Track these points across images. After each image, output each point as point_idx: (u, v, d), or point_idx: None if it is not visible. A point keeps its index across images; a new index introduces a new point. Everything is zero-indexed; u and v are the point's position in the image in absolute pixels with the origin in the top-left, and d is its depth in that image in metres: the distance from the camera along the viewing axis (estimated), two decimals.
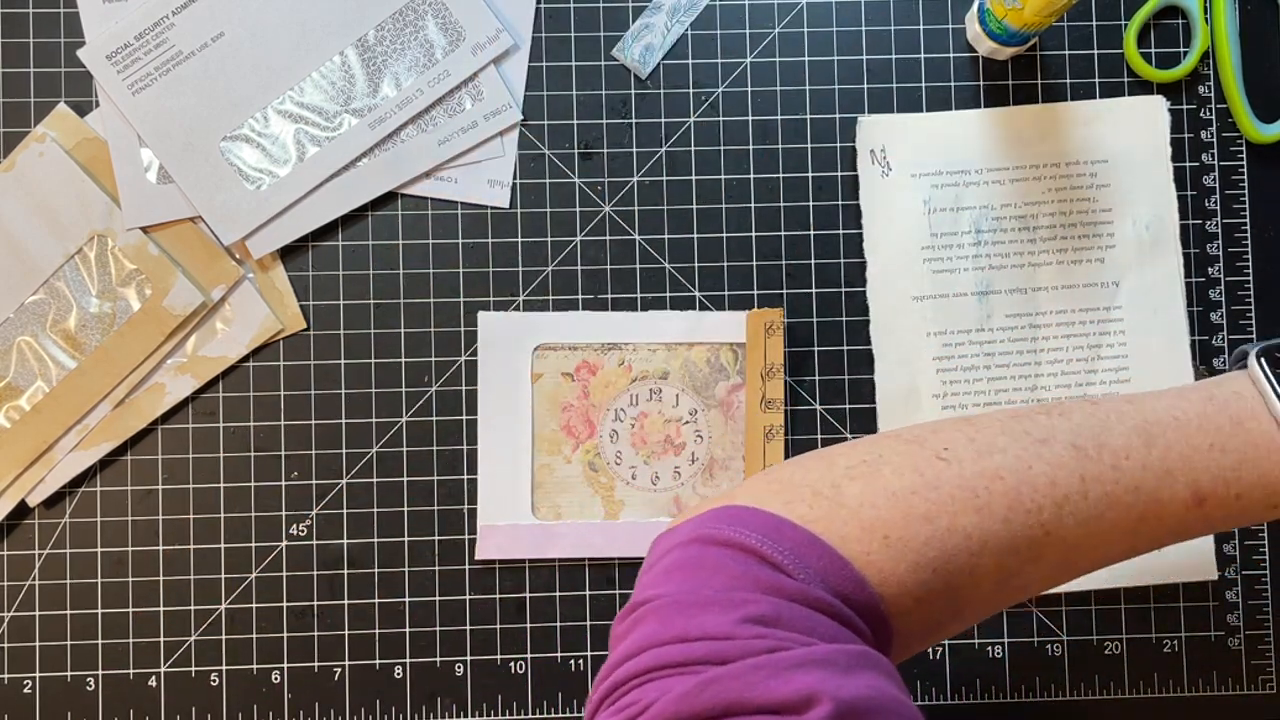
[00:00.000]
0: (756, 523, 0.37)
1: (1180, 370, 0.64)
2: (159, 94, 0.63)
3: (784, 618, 0.34)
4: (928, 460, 0.39)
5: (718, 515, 0.39)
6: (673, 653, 0.34)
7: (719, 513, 0.39)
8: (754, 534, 0.37)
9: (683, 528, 0.39)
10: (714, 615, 0.34)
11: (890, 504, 0.38)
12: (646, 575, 0.39)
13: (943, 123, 0.65)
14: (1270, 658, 0.64)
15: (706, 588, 0.36)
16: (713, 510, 0.39)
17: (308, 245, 0.65)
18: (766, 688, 0.31)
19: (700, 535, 0.38)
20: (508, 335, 0.64)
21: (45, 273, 0.63)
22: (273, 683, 0.63)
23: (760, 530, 0.37)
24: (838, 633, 0.35)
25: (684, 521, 0.40)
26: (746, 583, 0.35)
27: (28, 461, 0.63)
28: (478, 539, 0.63)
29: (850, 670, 0.32)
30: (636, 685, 0.34)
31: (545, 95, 0.65)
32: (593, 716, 0.35)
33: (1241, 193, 0.66)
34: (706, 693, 0.32)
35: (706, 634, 0.34)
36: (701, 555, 0.37)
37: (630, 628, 0.36)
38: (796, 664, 0.32)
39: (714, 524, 0.38)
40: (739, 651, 0.33)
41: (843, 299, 0.65)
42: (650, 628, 0.35)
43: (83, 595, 0.63)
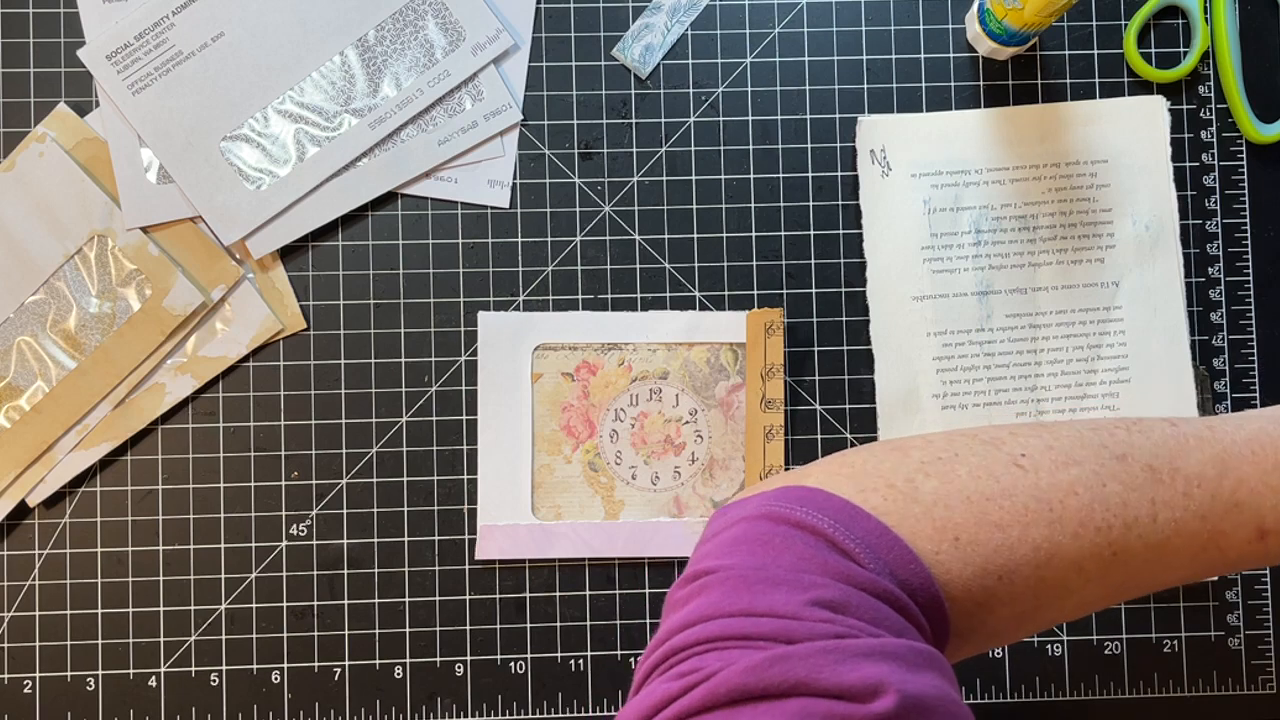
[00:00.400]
0: (830, 507, 0.37)
1: (1180, 370, 0.64)
2: (159, 94, 0.63)
3: (852, 605, 0.34)
4: (1004, 465, 0.39)
5: (789, 494, 0.38)
6: (738, 625, 0.33)
7: (790, 492, 0.38)
8: (827, 518, 0.37)
9: (750, 502, 0.39)
10: (782, 594, 0.34)
11: (964, 506, 0.38)
12: (708, 544, 0.38)
13: (943, 123, 0.65)
14: (1270, 658, 0.64)
15: (775, 565, 0.35)
16: (784, 489, 0.39)
17: (308, 245, 0.65)
18: (835, 672, 0.31)
19: (770, 512, 0.37)
20: (508, 335, 0.64)
21: (45, 273, 0.63)
22: (273, 683, 0.63)
23: (833, 515, 0.37)
24: (903, 628, 0.35)
25: (751, 495, 0.39)
26: (816, 566, 0.35)
27: (28, 461, 0.63)
28: (478, 539, 0.63)
29: (916, 667, 0.32)
30: (698, 653, 0.34)
31: (545, 95, 0.65)
32: (644, 681, 0.35)
33: (1241, 193, 0.66)
34: (774, 669, 0.31)
35: (774, 611, 0.33)
36: (771, 532, 0.37)
37: (692, 595, 0.36)
38: (865, 653, 0.32)
39: (785, 502, 0.38)
40: (806, 633, 0.33)
41: (843, 299, 0.65)
42: (714, 597, 0.35)
43: (83, 595, 0.63)
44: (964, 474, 0.38)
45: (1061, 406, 0.64)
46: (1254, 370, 0.65)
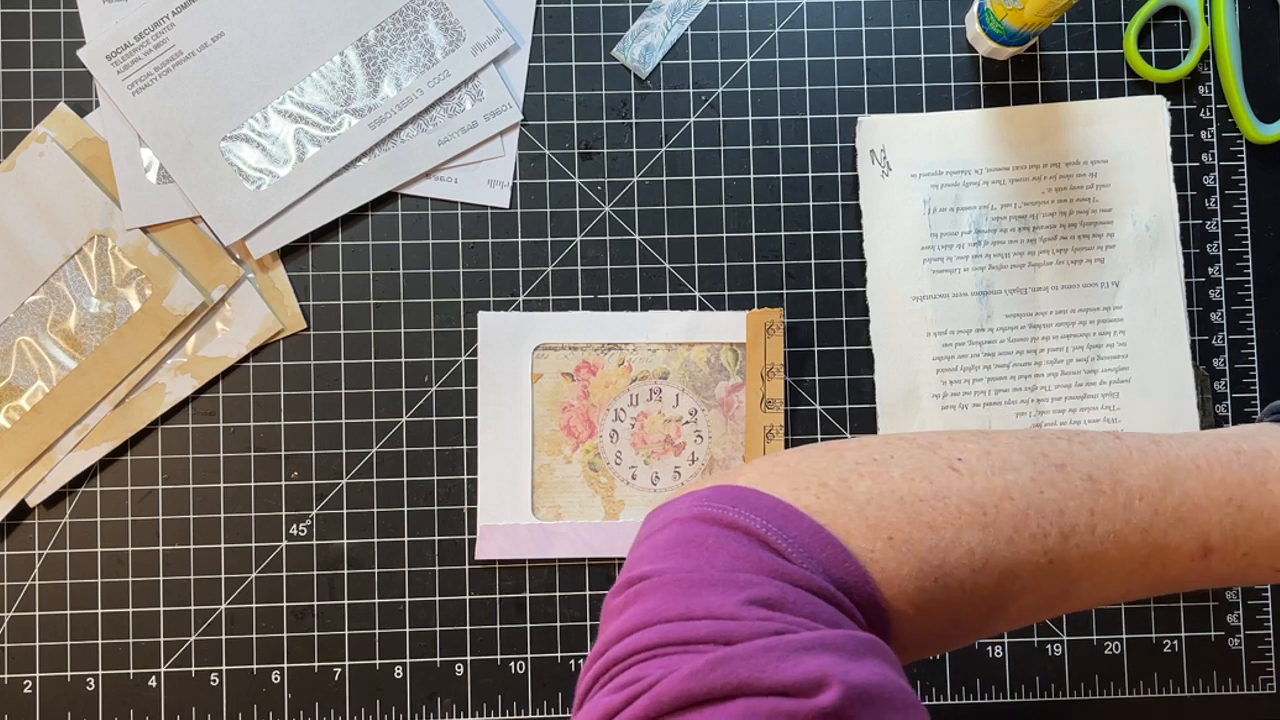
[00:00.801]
0: (762, 506, 0.37)
1: (1180, 370, 0.64)
2: (159, 94, 0.63)
3: (789, 602, 0.34)
4: (939, 468, 0.38)
5: (720, 494, 0.38)
6: (677, 630, 0.33)
7: (721, 491, 0.38)
8: (758, 518, 0.36)
9: (681, 502, 0.39)
10: (719, 594, 0.34)
11: (898, 507, 0.37)
12: (640, 548, 0.38)
13: (943, 123, 0.65)
14: (1270, 658, 0.64)
15: (709, 566, 0.35)
16: (714, 488, 0.38)
17: (308, 245, 0.65)
18: (777, 669, 0.31)
19: (702, 513, 0.37)
20: (508, 335, 0.64)
21: (45, 273, 0.63)
22: (273, 683, 0.63)
23: (765, 515, 0.37)
24: (840, 620, 0.35)
25: (682, 496, 0.39)
26: (750, 565, 0.35)
27: (28, 461, 0.63)
28: (478, 539, 0.63)
29: (859, 656, 0.32)
30: (638, 661, 0.33)
31: (545, 95, 0.65)
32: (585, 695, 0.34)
33: (1241, 193, 0.66)
34: (716, 671, 0.31)
35: (712, 613, 0.33)
36: (703, 534, 0.36)
37: (627, 603, 0.36)
38: (806, 647, 0.32)
39: (717, 502, 0.37)
40: (746, 632, 0.32)
41: (843, 299, 0.65)
42: (650, 604, 0.35)
43: (83, 595, 0.63)
44: (897, 475, 0.38)
45: (1061, 406, 0.64)
46: (1254, 370, 0.65)
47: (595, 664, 0.35)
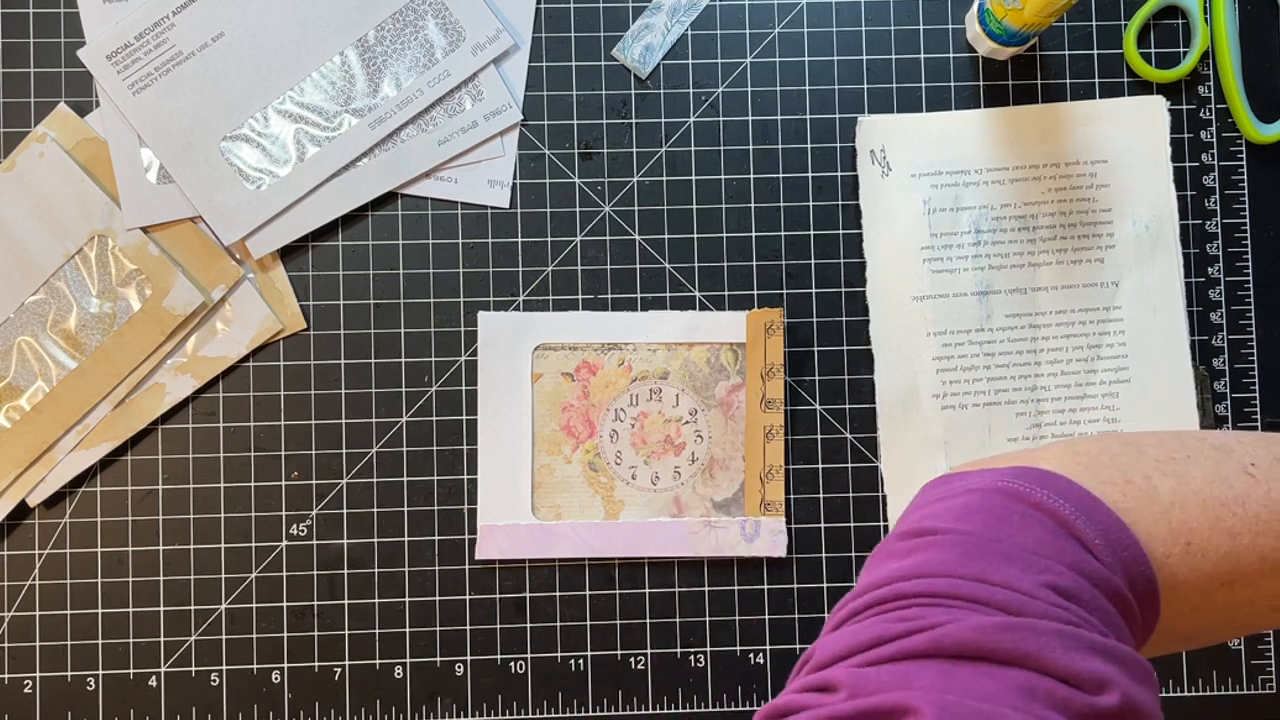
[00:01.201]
0: (1071, 494, 0.37)
1: (1180, 370, 0.64)
2: (159, 94, 0.63)
3: (1083, 598, 0.34)
4: (1237, 472, 0.38)
5: (1026, 474, 0.38)
6: (970, 588, 0.33)
7: (1026, 471, 0.38)
8: (1068, 505, 0.36)
9: (978, 475, 0.38)
10: (1017, 569, 0.34)
11: (1200, 510, 0.37)
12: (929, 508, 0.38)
13: (943, 123, 0.65)
14: (1270, 658, 0.64)
15: (1010, 541, 0.35)
16: (1019, 467, 0.38)
17: (308, 245, 0.65)
18: (1066, 656, 0.31)
19: (1007, 488, 0.37)
20: (508, 335, 0.64)
21: (45, 273, 0.63)
22: (273, 683, 0.63)
23: (1074, 503, 0.36)
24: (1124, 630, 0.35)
25: (976, 470, 0.39)
26: (1053, 551, 0.35)
27: (28, 461, 0.63)
28: (478, 539, 0.63)
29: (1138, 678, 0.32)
30: (922, 604, 0.33)
31: (545, 95, 0.65)
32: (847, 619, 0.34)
33: (1241, 193, 0.66)
34: (1006, 635, 0.31)
35: (1009, 584, 0.33)
36: (1006, 508, 0.36)
37: (918, 549, 0.35)
38: (1097, 648, 0.32)
39: (1023, 481, 0.37)
40: (1038, 612, 0.32)
41: (843, 299, 0.65)
42: (945, 555, 0.34)
43: (83, 595, 0.63)
44: (1198, 476, 0.38)
45: (1061, 406, 0.64)
46: (1254, 370, 0.65)
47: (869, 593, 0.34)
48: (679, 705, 0.63)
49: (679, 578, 0.64)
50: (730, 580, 0.64)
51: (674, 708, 0.63)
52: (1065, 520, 0.36)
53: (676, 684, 0.63)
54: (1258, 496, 0.38)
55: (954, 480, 0.39)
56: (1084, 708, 0.30)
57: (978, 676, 0.30)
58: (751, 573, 0.64)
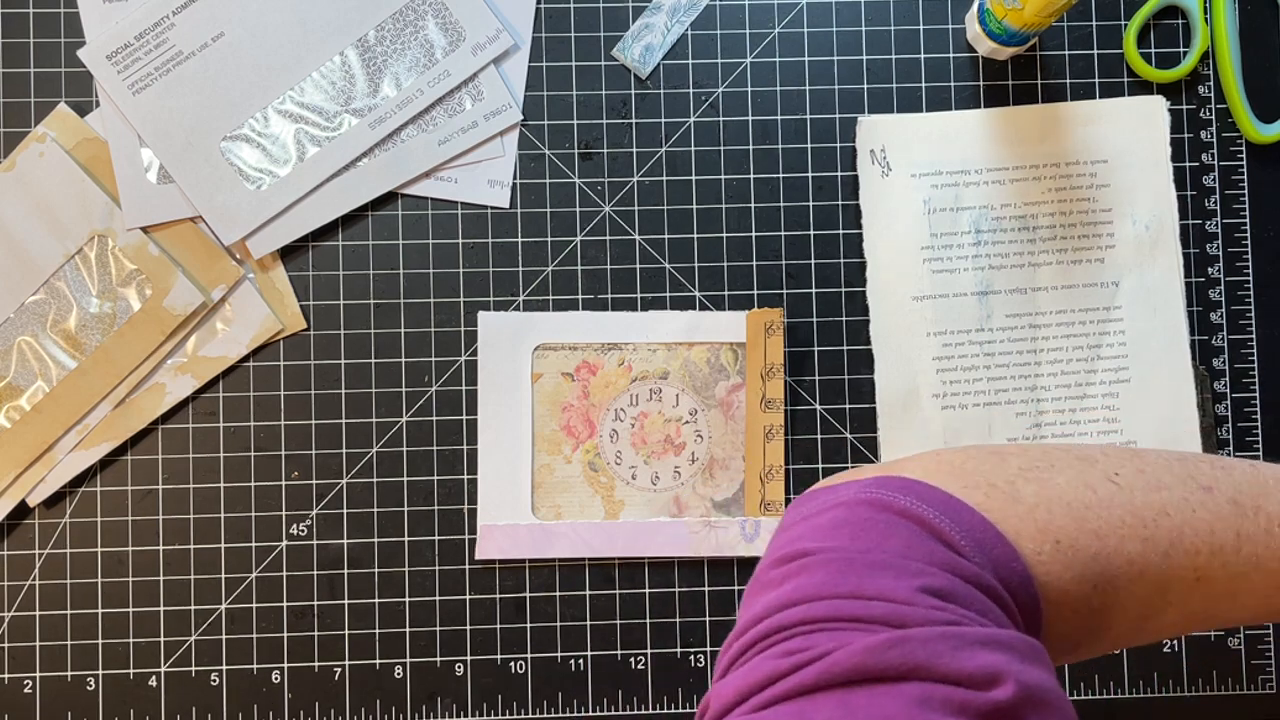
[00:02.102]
0: (934, 499, 0.37)
1: (1180, 370, 0.64)
2: (159, 94, 0.63)
3: (959, 595, 0.34)
4: (1100, 479, 0.39)
5: (888, 483, 0.38)
6: (849, 607, 0.33)
7: (889, 480, 0.38)
8: (931, 509, 0.36)
9: (843, 488, 0.39)
10: (890, 578, 0.34)
11: (1065, 512, 0.38)
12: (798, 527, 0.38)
13: (943, 123, 0.65)
14: (1270, 658, 0.64)
15: (879, 550, 0.35)
16: (881, 477, 0.39)
17: (308, 245, 0.65)
18: (954, 658, 0.31)
19: (871, 499, 0.37)
20: (508, 335, 0.64)
21: (45, 273, 0.63)
22: (273, 683, 0.63)
23: (938, 507, 0.37)
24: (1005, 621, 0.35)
25: (843, 483, 0.39)
26: (922, 554, 0.35)
27: (28, 461, 0.63)
28: (478, 539, 0.63)
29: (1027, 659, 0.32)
30: (805, 632, 0.33)
31: (545, 95, 0.65)
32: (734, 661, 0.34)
33: (1241, 193, 0.66)
34: (893, 651, 0.31)
35: (885, 595, 0.33)
36: (871, 518, 0.36)
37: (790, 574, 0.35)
38: (981, 641, 0.32)
39: (886, 490, 0.37)
40: (919, 618, 0.32)
41: (843, 299, 0.65)
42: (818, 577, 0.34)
43: (83, 595, 0.63)
44: (1062, 482, 0.39)
45: (1061, 407, 0.64)
46: (1254, 370, 0.65)
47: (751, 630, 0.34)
48: (679, 705, 0.63)
49: (679, 578, 0.64)
50: (730, 580, 0.64)
51: (674, 708, 0.63)
52: (929, 523, 0.36)
53: (676, 684, 0.63)
54: (1122, 502, 0.38)
55: (819, 495, 0.39)
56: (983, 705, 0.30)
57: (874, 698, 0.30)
58: (751, 573, 0.64)
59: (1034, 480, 0.39)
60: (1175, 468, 0.40)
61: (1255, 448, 0.65)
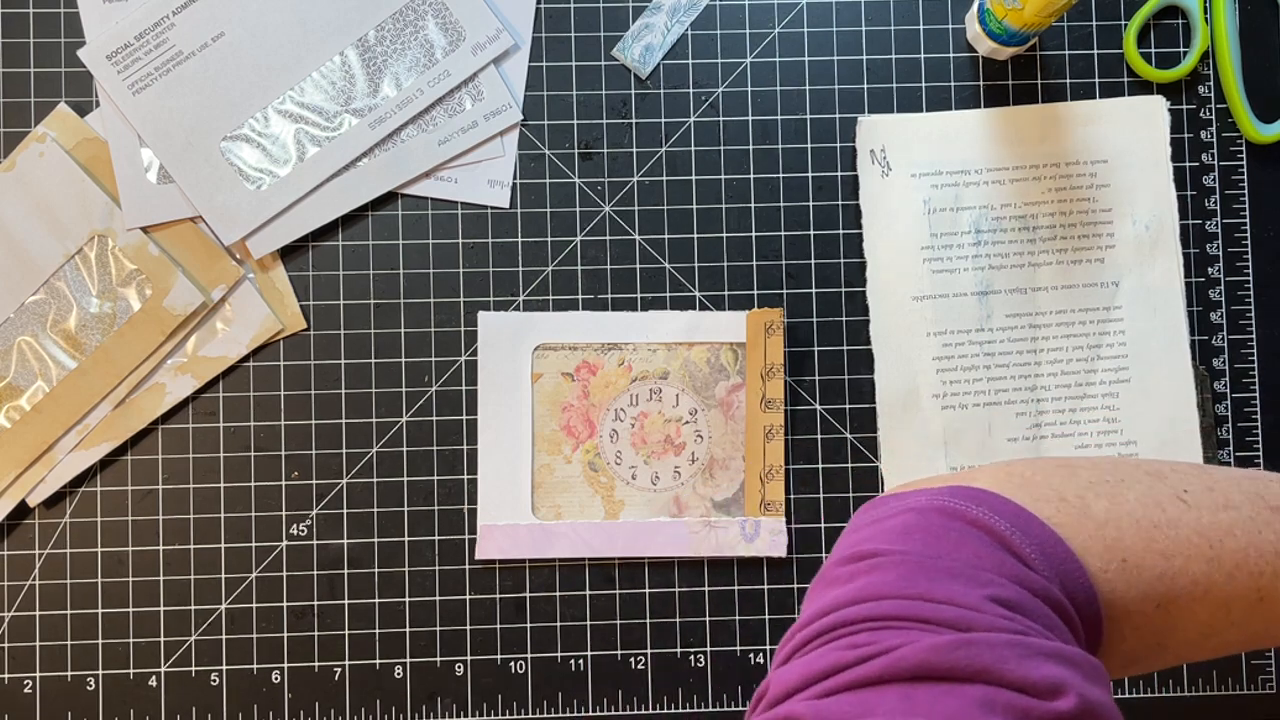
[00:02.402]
0: (1005, 510, 0.37)
1: (1180, 370, 0.64)
2: (159, 94, 0.63)
3: (1026, 607, 0.34)
4: (1169, 497, 0.39)
5: (960, 492, 0.38)
6: (916, 608, 0.33)
7: (960, 490, 0.39)
8: (1002, 520, 0.37)
9: (915, 495, 0.39)
10: (960, 585, 0.34)
11: (1134, 530, 0.38)
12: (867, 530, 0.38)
13: (943, 123, 0.65)
14: (1270, 658, 0.64)
15: (950, 557, 0.35)
16: (953, 487, 0.39)
17: (308, 245, 0.65)
18: (1020, 665, 0.31)
19: (942, 506, 0.38)
20: (508, 335, 0.64)
21: (45, 273, 0.63)
22: (273, 683, 0.63)
23: (1009, 518, 0.37)
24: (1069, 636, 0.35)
25: (913, 490, 0.40)
26: (991, 564, 0.35)
27: (28, 461, 0.63)
28: (478, 539, 0.63)
29: (1090, 677, 0.33)
30: (872, 628, 0.33)
31: (545, 95, 0.65)
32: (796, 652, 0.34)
33: (1241, 193, 0.66)
34: (960, 651, 0.31)
35: (954, 600, 0.33)
36: (944, 526, 0.37)
37: (859, 573, 0.36)
38: (1048, 654, 0.32)
39: (958, 499, 0.38)
40: (986, 625, 0.33)
41: (843, 299, 0.65)
42: (888, 577, 0.35)
43: (83, 595, 0.63)
44: (1132, 499, 0.39)
45: (1061, 407, 0.64)
46: (1254, 370, 0.65)
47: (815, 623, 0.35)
48: (679, 705, 0.63)
49: (679, 578, 0.64)
50: (730, 580, 0.64)
51: (674, 708, 0.63)
52: (1000, 534, 0.36)
53: (676, 684, 0.63)
54: (1189, 521, 0.39)
55: (890, 501, 0.40)
56: (1044, 714, 0.30)
57: (937, 696, 0.31)
58: (751, 573, 0.64)
59: (1104, 495, 0.39)
60: (1244, 485, 0.40)
61: (1255, 448, 0.65)
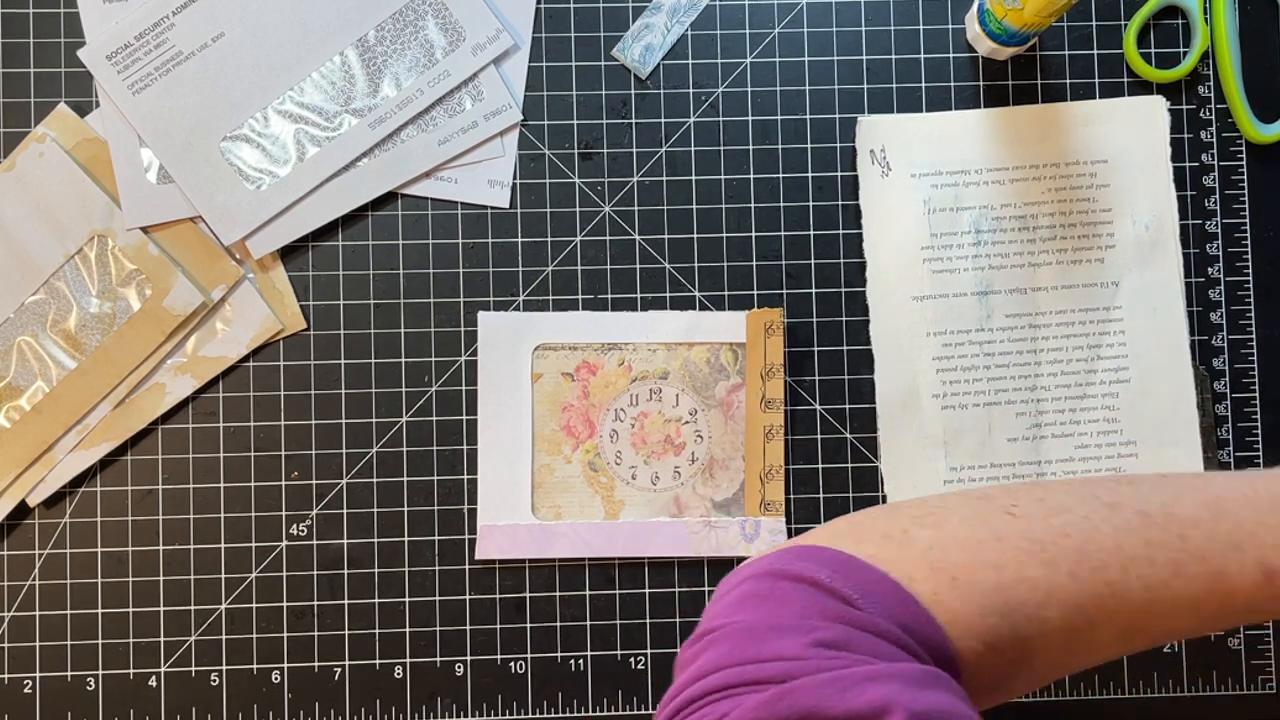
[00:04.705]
0: (826, 558, 0.39)
1: (1180, 370, 0.64)
2: (159, 94, 0.63)
3: (854, 643, 0.35)
4: (996, 514, 0.40)
5: (790, 553, 0.40)
6: (746, 672, 0.34)
7: (791, 550, 0.40)
8: (823, 569, 0.38)
9: (753, 565, 0.40)
10: (786, 639, 0.35)
11: (958, 549, 0.39)
12: (715, 606, 0.40)
13: (943, 123, 0.65)
14: (1270, 658, 0.64)
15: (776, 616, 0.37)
16: (788, 548, 0.40)
17: (308, 245, 0.65)
18: (842, 699, 0.32)
19: (770, 570, 0.39)
20: (508, 335, 0.64)
21: (45, 273, 0.63)
22: (273, 683, 0.63)
23: (829, 565, 0.38)
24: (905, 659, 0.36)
25: (755, 560, 0.41)
26: (815, 612, 0.36)
27: (28, 461, 0.63)
28: (478, 539, 0.63)
29: (923, 685, 0.33)
30: (708, 702, 0.35)
31: (545, 95, 0.65)
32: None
33: (1241, 193, 0.66)
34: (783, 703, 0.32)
35: (780, 655, 0.35)
36: (772, 588, 0.38)
37: (699, 651, 0.37)
38: (870, 677, 0.33)
39: (786, 559, 0.39)
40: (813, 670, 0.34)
41: (843, 299, 0.65)
42: (721, 650, 0.36)
43: (83, 595, 0.63)
44: (956, 522, 0.40)
45: (1061, 406, 0.64)
46: (1254, 370, 0.65)
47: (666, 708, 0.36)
48: None
49: (679, 578, 0.64)
50: None
51: None
52: (821, 582, 0.37)
53: None
54: (1018, 530, 0.39)
55: (734, 574, 0.41)
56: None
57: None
58: None
59: (928, 525, 0.40)
60: (1078, 490, 0.41)
61: (1255, 448, 0.65)
